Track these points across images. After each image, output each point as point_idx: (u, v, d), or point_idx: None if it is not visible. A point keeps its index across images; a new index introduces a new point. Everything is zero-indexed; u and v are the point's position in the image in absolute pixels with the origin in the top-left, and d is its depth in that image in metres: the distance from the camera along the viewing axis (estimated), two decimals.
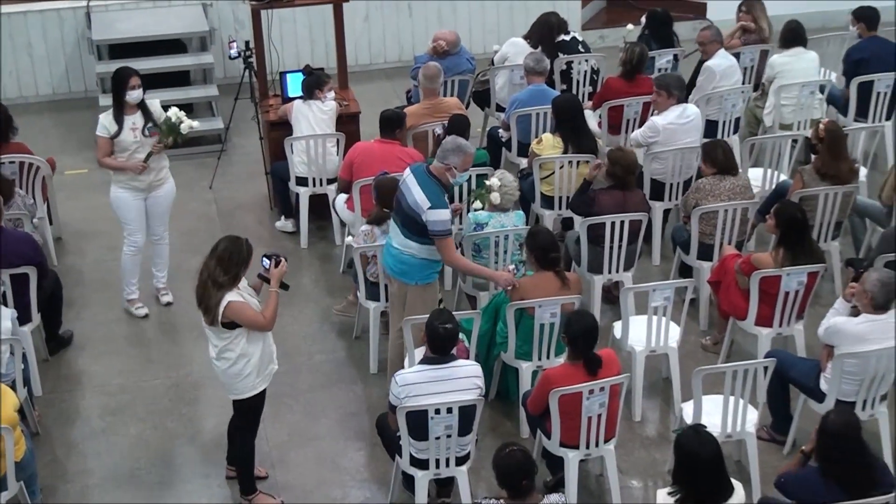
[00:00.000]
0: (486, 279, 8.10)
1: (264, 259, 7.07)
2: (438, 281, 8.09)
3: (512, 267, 7.90)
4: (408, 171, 7.80)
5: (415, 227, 7.61)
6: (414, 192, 7.58)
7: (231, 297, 6.77)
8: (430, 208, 7.50)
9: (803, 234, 7.92)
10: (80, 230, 10.33)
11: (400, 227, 7.73)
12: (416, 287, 7.80)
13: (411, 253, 7.71)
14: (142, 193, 8.83)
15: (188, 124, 8.83)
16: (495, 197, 8.36)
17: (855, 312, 7.21)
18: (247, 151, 11.40)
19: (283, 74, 10.35)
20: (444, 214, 7.53)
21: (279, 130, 10.06)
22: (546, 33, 10.76)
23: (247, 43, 10.44)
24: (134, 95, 8.57)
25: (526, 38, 10.82)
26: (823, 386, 7.28)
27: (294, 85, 10.16)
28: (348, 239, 8.83)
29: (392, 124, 9.22)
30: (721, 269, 8.29)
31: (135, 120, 8.64)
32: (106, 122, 8.65)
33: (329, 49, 11.82)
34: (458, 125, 9.09)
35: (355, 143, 9.46)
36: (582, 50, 10.97)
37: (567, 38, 10.97)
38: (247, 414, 7.18)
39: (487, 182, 8.44)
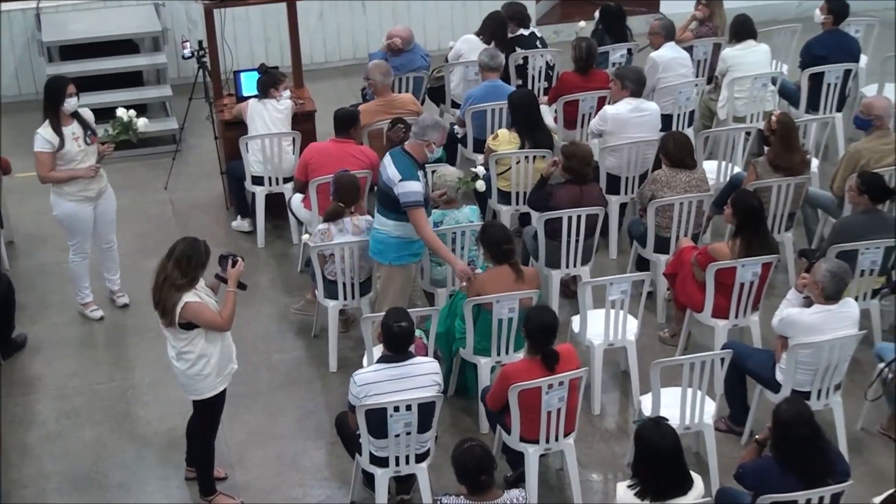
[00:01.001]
0: (446, 263, 8.15)
1: (221, 259, 7.04)
2: (416, 268, 8.18)
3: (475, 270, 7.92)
4: (387, 154, 8.04)
5: (389, 203, 7.83)
6: (388, 169, 7.85)
7: (188, 297, 6.73)
8: (400, 181, 7.74)
9: (760, 222, 7.98)
10: (32, 233, 10.23)
11: (377, 206, 7.98)
12: (389, 268, 7.97)
13: (387, 231, 7.91)
14: (92, 202, 8.73)
15: (143, 121, 8.77)
16: (481, 185, 8.44)
17: (808, 303, 7.27)
18: (202, 151, 11.33)
19: (237, 73, 10.30)
20: (414, 186, 7.74)
21: (234, 130, 10.01)
22: (497, 29, 10.76)
23: (200, 42, 10.38)
24: (72, 104, 8.42)
25: (478, 34, 10.81)
26: (779, 376, 7.33)
27: (249, 84, 10.11)
28: (305, 237, 8.81)
29: (346, 123, 9.20)
30: (677, 261, 8.33)
31: (73, 129, 8.49)
32: (46, 135, 8.40)
33: (283, 47, 11.78)
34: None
35: (310, 144, 9.43)
36: (540, 45, 10.99)
37: (526, 32, 10.98)
38: (207, 414, 7.15)
39: (473, 170, 8.43)
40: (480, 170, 8.47)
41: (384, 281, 8.08)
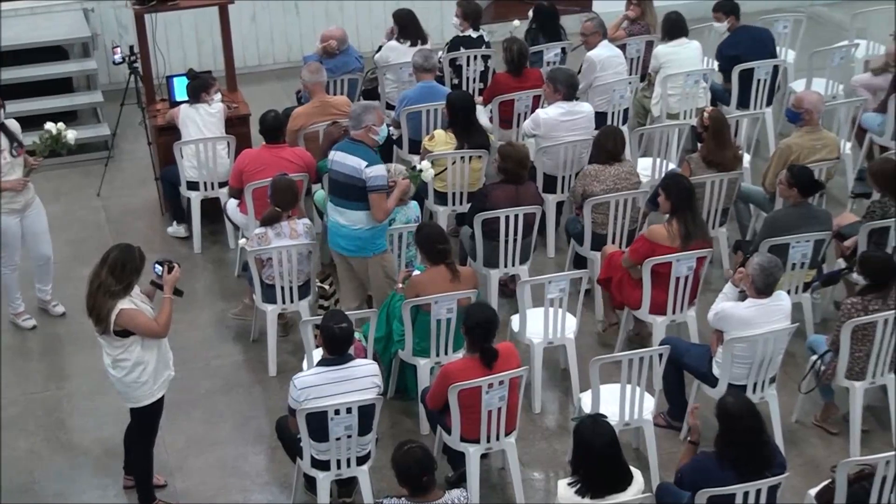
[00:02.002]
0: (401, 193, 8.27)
1: (156, 265, 6.99)
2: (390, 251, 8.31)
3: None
4: (333, 152, 8.15)
5: (357, 194, 7.94)
6: (348, 161, 7.95)
7: (123, 304, 6.67)
8: (367, 166, 7.86)
9: (693, 202, 8.05)
10: None
11: (344, 203, 8.03)
12: (375, 258, 8.09)
13: (361, 225, 8.00)
14: (18, 214, 8.59)
15: (72, 134, 8.66)
16: (427, 176, 8.49)
17: (743, 297, 7.34)
18: (135, 157, 11.22)
19: (169, 79, 10.23)
20: (381, 170, 7.94)
21: (168, 135, 9.94)
22: (410, 25, 10.76)
23: (131, 48, 10.28)
24: None
25: (398, 38, 10.79)
26: (715, 371, 7.40)
27: (181, 89, 10.05)
28: (241, 241, 8.75)
29: (276, 129, 9.18)
30: (609, 267, 8.38)
31: None
32: None
33: (216, 51, 11.70)
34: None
35: (244, 151, 9.35)
36: (485, 48, 10.99)
37: (474, 35, 10.99)
38: (144, 422, 7.08)
39: (418, 167, 8.49)
40: (425, 164, 8.47)
41: (375, 269, 8.13)
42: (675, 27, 10.70)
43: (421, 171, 8.42)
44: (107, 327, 6.70)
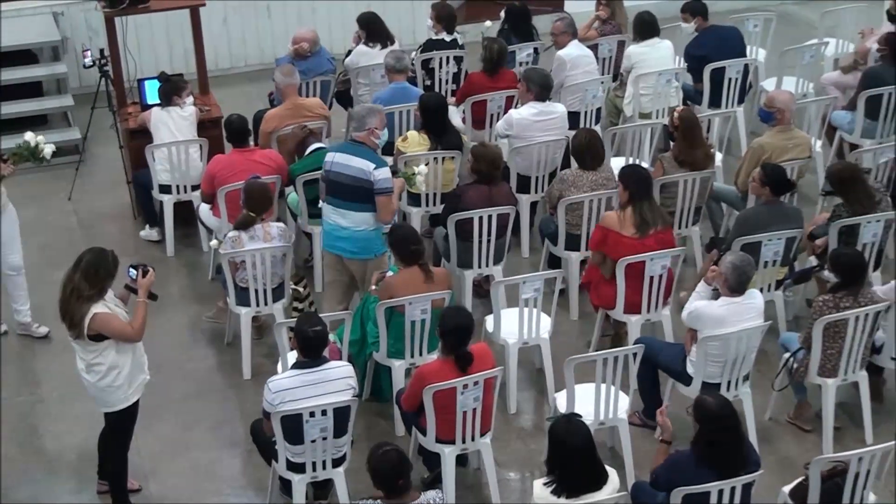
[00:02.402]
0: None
1: (131, 269, 6.97)
2: None
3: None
4: (331, 154, 8.06)
5: (365, 196, 7.91)
6: (353, 163, 7.89)
7: (97, 308, 6.63)
8: (375, 168, 7.84)
9: (649, 191, 8.12)
10: None
11: (349, 205, 7.95)
12: (375, 260, 8.08)
13: (366, 227, 7.97)
14: None
15: (50, 148, 8.59)
16: (420, 179, 8.48)
17: (716, 295, 7.37)
18: (107, 161, 11.15)
19: (140, 82, 10.18)
20: (388, 171, 7.95)
21: (140, 138, 9.89)
22: (376, 28, 10.76)
23: (102, 51, 10.23)
24: None
25: (366, 43, 10.77)
26: (690, 369, 7.43)
27: (152, 92, 10.01)
28: (213, 243, 8.72)
29: (244, 133, 9.17)
30: (590, 271, 8.40)
31: None
32: None
33: (188, 54, 11.65)
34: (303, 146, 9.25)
35: (215, 156, 9.32)
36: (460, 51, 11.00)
37: (448, 38, 10.98)
38: (119, 426, 7.06)
39: (416, 169, 8.49)
40: (422, 168, 8.48)
41: (372, 272, 8.03)
42: (647, 27, 10.72)
43: (416, 173, 8.42)
44: (80, 332, 6.67)
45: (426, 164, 8.62)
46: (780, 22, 12.24)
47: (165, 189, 9.75)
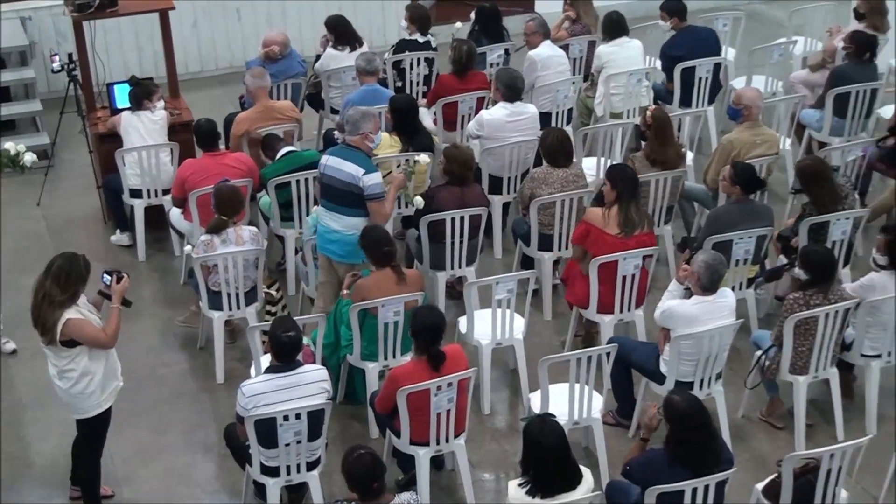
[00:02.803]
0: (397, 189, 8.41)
1: (105, 275, 6.95)
2: None
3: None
4: (325, 157, 8.13)
5: (355, 201, 7.96)
6: (344, 167, 7.95)
7: (69, 314, 6.60)
8: (365, 174, 7.88)
9: (637, 191, 8.11)
10: None
11: (340, 208, 8.01)
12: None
13: (355, 231, 7.92)
14: None
15: (31, 157, 8.53)
16: (420, 170, 8.54)
17: (688, 294, 7.39)
18: (76, 166, 11.10)
19: (109, 86, 10.13)
20: (378, 177, 7.99)
21: (109, 143, 9.84)
22: (344, 31, 10.75)
23: (70, 55, 10.17)
24: None
25: (335, 46, 10.76)
26: (663, 368, 7.45)
27: (122, 96, 9.96)
28: (187, 248, 8.69)
29: (213, 136, 9.14)
30: (569, 268, 8.42)
31: None
32: None
33: (158, 57, 11.61)
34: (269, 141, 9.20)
35: (185, 161, 9.28)
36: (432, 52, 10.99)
37: (421, 39, 10.98)
38: (92, 433, 7.02)
39: (417, 158, 8.53)
40: (423, 157, 8.48)
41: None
42: (616, 27, 10.74)
43: (416, 161, 8.45)
44: (53, 338, 6.63)
45: (427, 155, 8.58)
46: (749, 21, 12.32)
47: (136, 193, 9.71)
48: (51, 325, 6.61)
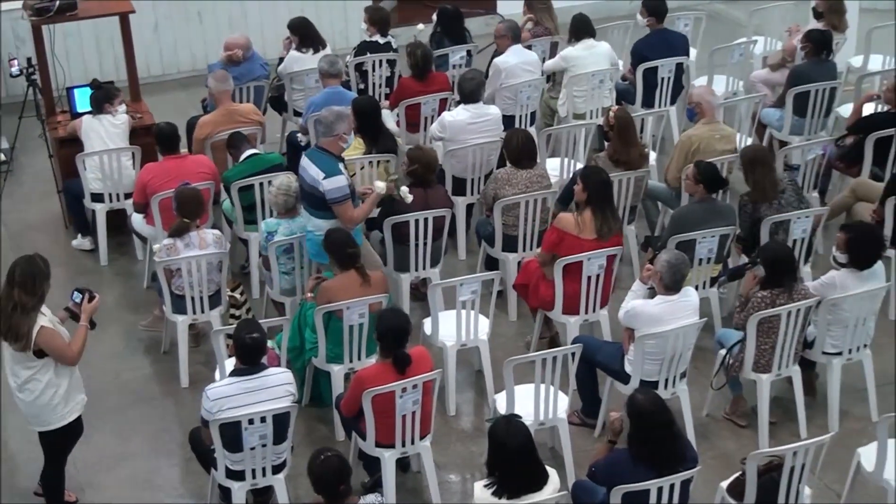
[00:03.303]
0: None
1: (76, 293, 6.94)
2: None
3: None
4: (303, 156, 8.17)
5: (318, 204, 7.97)
6: (309, 170, 7.98)
7: (43, 321, 6.58)
8: (324, 178, 7.86)
9: (609, 194, 8.11)
10: None
11: (309, 210, 8.09)
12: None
13: (322, 232, 7.91)
14: None
15: None
16: (404, 190, 8.48)
17: (652, 294, 7.42)
18: (36, 171, 11.02)
19: (69, 90, 10.08)
20: (339, 181, 7.89)
21: (70, 147, 9.78)
22: (308, 33, 10.74)
23: (29, 60, 10.11)
24: None
25: (298, 48, 10.74)
26: (627, 368, 7.47)
27: (82, 100, 9.91)
28: (156, 247, 8.60)
29: (174, 139, 9.10)
30: (525, 273, 8.42)
31: None
32: None
33: (119, 61, 11.53)
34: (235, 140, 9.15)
35: (146, 165, 9.23)
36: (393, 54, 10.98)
37: (382, 41, 10.97)
38: (55, 445, 6.97)
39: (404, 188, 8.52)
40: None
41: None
42: (581, 29, 10.73)
43: (398, 177, 8.40)
44: (27, 344, 6.59)
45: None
46: (710, 21, 12.38)
47: (97, 198, 9.65)
48: (25, 331, 6.57)
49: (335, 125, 8.02)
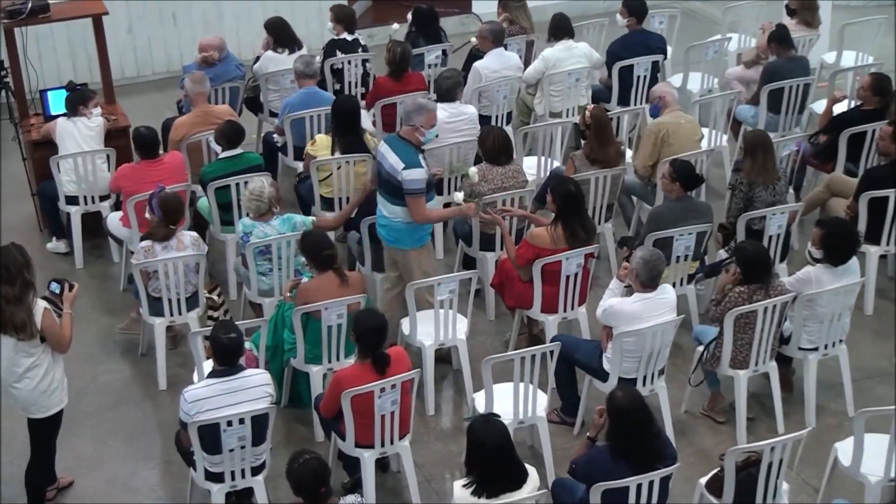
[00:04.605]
0: (456, 216, 8.64)
1: (53, 283, 6.92)
2: (432, 244, 8.43)
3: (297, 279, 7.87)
4: (381, 143, 8.23)
5: (396, 192, 7.96)
6: (389, 157, 7.98)
7: (42, 304, 6.63)
8: (404, 168, 7.85)
9: (579, 206, 8.11)
10: None
11: (385, 196, 8.08)
12: (411, 252, 8.14)
13: (400, 219, 8.03)
14: None
15: None
16: (473, 172, 8.58)
17: (629, 292, 7.44)
18: (9, 174, 10.95)
19: (43, 92, 10.03)
20: (418, 174, 7.89)
21: (44, 150, 9.75)
22: (283, 34, 10.72)
23: (1, 62, 10.05)
24: None
25: (274, 49, 10.72)
26: (606, 366, 7.49)
27: (56, 102, 9.87)
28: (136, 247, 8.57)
29: (154, 145, 9.09)
30: (501, 272, 8.42)
31: None
32: None
33: (92, 63, 11.50)
34: (233, 133, 9.06)
35: (120, 168, 9.21)
36: (361, 52, 10.96)
37: (350, 38, 10.95)
38: (44, 435, 7.01)
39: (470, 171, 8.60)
40: (472, 170, 8.57)
41: (409, 263, 8.16)
42: (560, 29, 10.74)
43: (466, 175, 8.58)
44: (33, 331, 6.63)
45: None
46: (684, 18, 12.43)
47: (72, 200, 9.61)
48: (23, 319, 6.58)
49: (413, 116, 8.03)
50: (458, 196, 8.44)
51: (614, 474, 6.09)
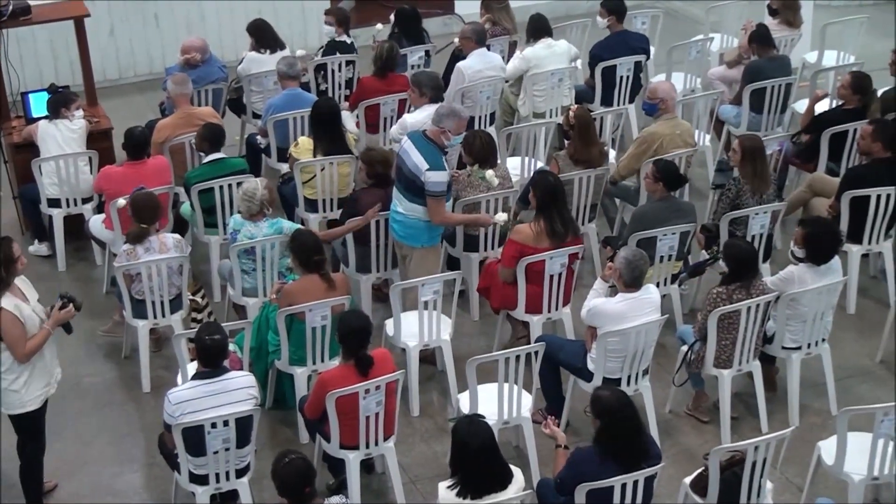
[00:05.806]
0: (474, 224, 8.63)
1: (58, 298, 6.96)
2: (440, 245, 8.47)
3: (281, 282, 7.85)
4: (405, 138, 8.25)
5: (416, 190, 8.03)
6: (412, 155, 8.03)
7: (5, 303, 6.57)
8: (427, 170, 7.93)
9: (559, 199, 8.09)
10: None
11: (403, 192, 8.12)
12: (421, 250, 8.22)
13: (417, 216, 8.11)
14: None
15: None
16: (490, 175, 8.61)
17: (614, 292, 7.46)
18: None
19: (24, 95, 10.00)
20: (441, 176, 7.98)
21: (26, 152, 9.71)
22: (266, 35, 10.72)
23: None
24: None
25: (257, 49, 10.70)
26: (590, 366, 7.49)
27: (38, 105, 9.84)
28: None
29: (144, 146, 9.07)
30: (487, 275, 8.42)
31: None
32: None
33: (74, 66, 11.47)
34: (214, 135, 9.05)
35: (103, 170, 9.18)
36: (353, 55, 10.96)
37: (348, 40, 10.95)
38: (28, 431, 7.00)
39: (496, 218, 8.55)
40: (501, 216, 8.54)
41: (417, 261, 8.25)
42: (538, 29, 10.76)
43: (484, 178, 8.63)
44: None
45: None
46: (667, 18, 12.46)
47: (54, 203, 9.57)
48: None
49: (443, 119, 8.10)
50: (501, 217, 8.48)
51: (603, 474, 6.08)
